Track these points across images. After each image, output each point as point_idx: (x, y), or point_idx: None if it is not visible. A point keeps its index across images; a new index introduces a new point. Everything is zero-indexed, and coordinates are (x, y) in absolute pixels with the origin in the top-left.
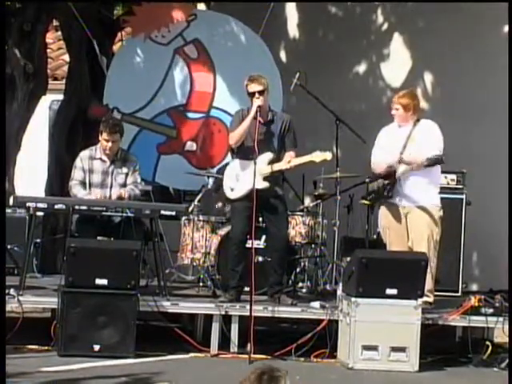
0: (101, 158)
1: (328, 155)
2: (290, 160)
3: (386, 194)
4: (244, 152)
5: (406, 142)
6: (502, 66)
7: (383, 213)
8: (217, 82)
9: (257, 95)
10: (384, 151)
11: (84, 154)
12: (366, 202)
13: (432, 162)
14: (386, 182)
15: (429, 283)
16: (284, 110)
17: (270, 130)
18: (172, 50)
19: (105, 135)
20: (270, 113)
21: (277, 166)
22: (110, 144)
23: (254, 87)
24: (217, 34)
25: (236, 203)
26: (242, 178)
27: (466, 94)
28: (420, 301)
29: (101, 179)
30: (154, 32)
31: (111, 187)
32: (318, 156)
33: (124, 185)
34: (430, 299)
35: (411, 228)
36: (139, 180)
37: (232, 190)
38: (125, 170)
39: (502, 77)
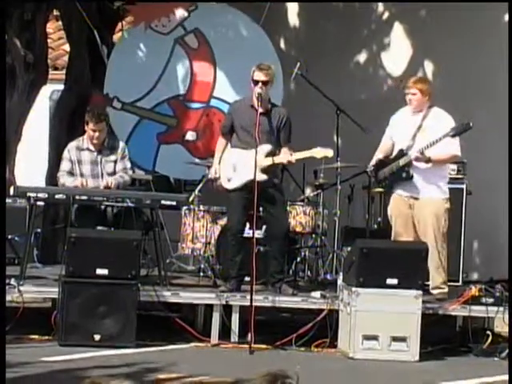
0: (88, 148)
1: (329, 152)
2: (291, 154)
3: (405, 175)
4: (241, 141)
5: (415, 132)
6: (504, 55)
7: (393, 201)
8: (217, 72)
9: (260, 84)
10: (395, 137)
11: (71, 145)
12: (380, 189)
13: (459, 131)
14: (402, 164)
15: (442, 275)
16: (284, 99)
17: (267, 121)
18: (172, 40)
19: (91, 125)
20: (270, 105)
21: (278, 160)
22: (96, 133)
23: (260, 76)
24: (217, 24)
25: (232, 193)
26: (239, 169)
27: (466, 82)
28: (435, 292)
29: (90, 169)
30: (154, 21)
31: (102, 176)
32: (318, 152)
33: (114, 173)
34: (445, 290)
35: (418, 219)
36: (129, 166)
37: (229, 180)
38: (113, 157)
39: (503, 66)
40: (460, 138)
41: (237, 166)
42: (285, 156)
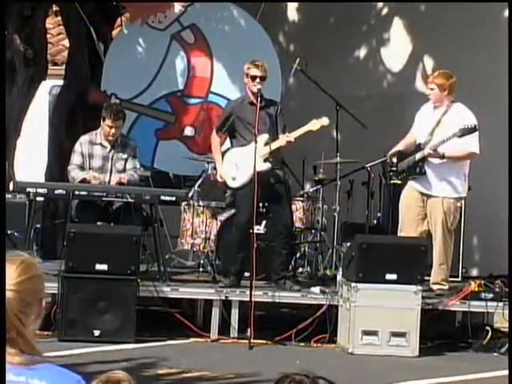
0: (101, 144)
1: (325, 121)
2: (287, 135)
3: (418, 170)
4: (243, 139)
5: (434, 127)
6: (504, 49)
7: (406, 193)
8: (214, 67)
9: (258, 80)
10: (417, 132)
11: (84, 138)
12: (397, 181)
13: (466, 132)
14: (418, 158)
15: (444, 272)
16: (283, 95)
17: (267, 115)
18: (169, 36)
19: (108, 121)
20: (263, 99)
21: (277, 143)
22: (113, 130)
23: (257, 72)
24: (214, 19)
25: (240, 190)
26: (241, 165)
27: (466, 78)
28: (435, 287)
29: (100, 164)
30: (150, 17)
31: (111, 172)
32: (314, 124)
33: (123, 170)
34: (445, 287)
35: (429, 216)
36: (138, 165)
37: (234, 179)
38: (124, 155)
39: (503, 61)
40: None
41: (238, 163)
42: (282, 138)
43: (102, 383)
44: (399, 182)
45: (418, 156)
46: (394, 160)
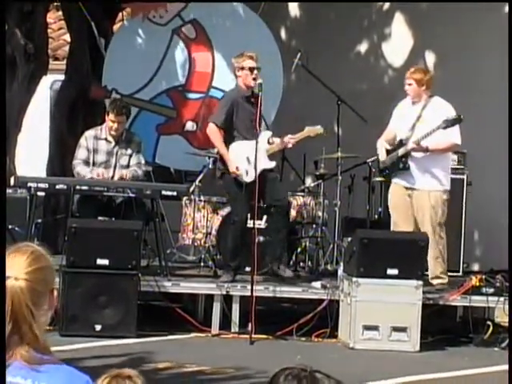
0: (106, 139)
1: (319, 129)
2: (288, 141)
3: (401, 166)
4: (246, 132)
5: (415, 122)
6: (505, 46)
7: (391, 192)
8: (216, 62)
9: (256, 71)
10: (396, 128)
11: (89, 133)
12: (381, 178)
13: (450, 123)
14: (401, 154)
15: (441, 265)
16: (284, 89)
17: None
18: (170, 31)
19: (111, 116)
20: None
21: (275, 147)
22: (115, 125)
23: (253, 63)
24: (215, 14)
25: (234, 186)
26: (252, 160)
27: (467, 73)
28: (434, 282)
29: (105, 159)
30: (151, 12)
31: (115, 168)
32: (310, 131)
33: (127, 166)
34: (445, 280)
35: (416, 210)
36: (143, 161)
37: (247, 173)
38: (129, 151)
39: (504, 57)
40: (460, 129)
41: (250, 158)
42: (282, 143)
43: (111, 377)
44: (383, 178)
45: (401, 152)
46: (375, 159)
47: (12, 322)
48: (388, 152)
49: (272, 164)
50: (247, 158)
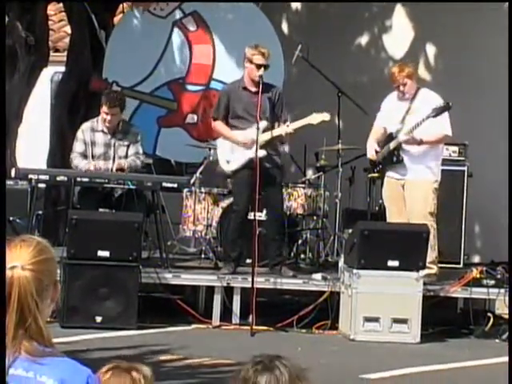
0: (102, 130)
1: (326, 116)
2: (288, 124)
3: (395, 160)
4: (240, 123)
5: (404, 115)
6: (505, 39)
7: (386, 184)
8: (216, 54)
9: (262, 68)
10: (386, 123)
11: (86, 125)
12: (374, 175)
13: (440, 111)
14: (393, 147)
15: (430, 255)
16: (285, 81)
17: (264, 99)
18: (171, 23)
19: (104, 108)
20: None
21: (276, 132)
22: (109, 117)
23: (263, 61)
24: (216, 6)
25: (237, 174)
26: (236, 150)
27: (467, 65)
28: (422, 273)
29: (103, 151)
30: (152, 5)
31: (114, 159)
32: (315, 118)
33: (125, 156)
34: (433, 271)
35: (407, 200)
36: (141, 151)
37: (228, 162)
38: (126, 141)
39: (504, 50)
40: (460, 121)
41: (234, 147)
42: (282, 128)
43: (111, 369)
44: (377, 174)
45: (393, 145)
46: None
47: (18, 314)
48: (378, 153)
49: (262, 153)
50: (231, 147)
